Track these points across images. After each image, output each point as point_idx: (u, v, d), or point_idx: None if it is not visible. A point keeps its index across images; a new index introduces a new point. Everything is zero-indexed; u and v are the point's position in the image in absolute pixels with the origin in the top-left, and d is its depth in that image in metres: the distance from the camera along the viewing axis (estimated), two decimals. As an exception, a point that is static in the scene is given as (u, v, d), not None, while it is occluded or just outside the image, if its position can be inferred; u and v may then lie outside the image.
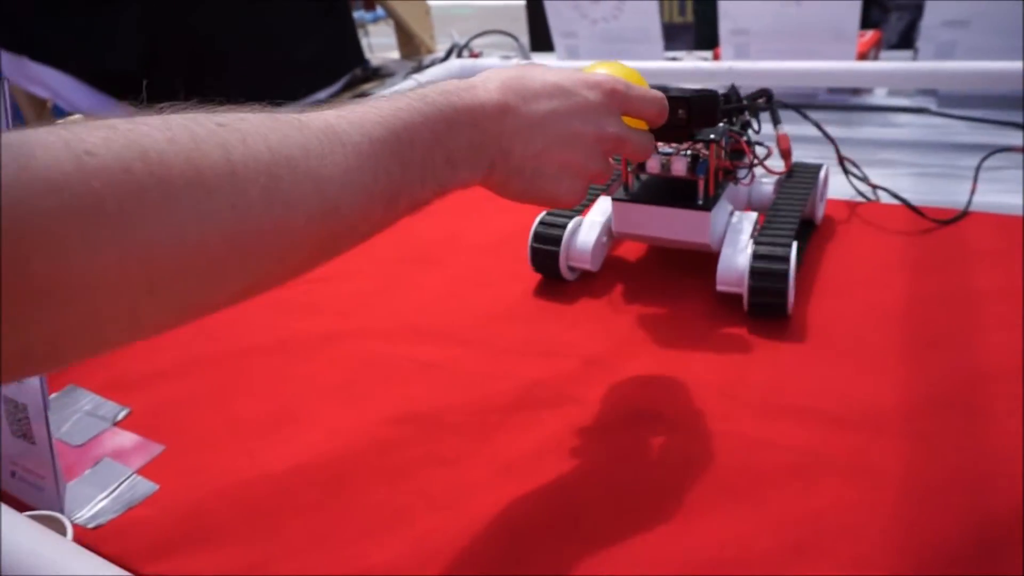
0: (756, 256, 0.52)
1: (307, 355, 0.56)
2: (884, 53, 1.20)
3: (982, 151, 0.75)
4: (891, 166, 0.79)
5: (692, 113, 0.48)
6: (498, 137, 0.37)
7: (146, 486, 0.45)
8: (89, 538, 0.42)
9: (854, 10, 0.93)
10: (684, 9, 2.02)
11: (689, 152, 0.55)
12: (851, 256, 0.62)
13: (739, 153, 0.59)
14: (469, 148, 0.36)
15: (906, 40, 1.62)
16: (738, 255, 0.53)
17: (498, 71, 0.40)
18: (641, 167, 0.56)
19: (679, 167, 0.54)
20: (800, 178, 0.63)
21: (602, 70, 0.45)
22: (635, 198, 0.56)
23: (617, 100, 0.41)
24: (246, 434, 0.49)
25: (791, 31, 1.00)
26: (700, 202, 0.54)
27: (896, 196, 0.68)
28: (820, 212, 0.66)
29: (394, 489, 0.43)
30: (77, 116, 1.36)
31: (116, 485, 0.46)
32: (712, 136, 0.53)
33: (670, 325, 0.55)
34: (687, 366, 0.50)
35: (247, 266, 0.27)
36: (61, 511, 0.42)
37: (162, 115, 0.26)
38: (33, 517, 0.37)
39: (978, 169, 0.70)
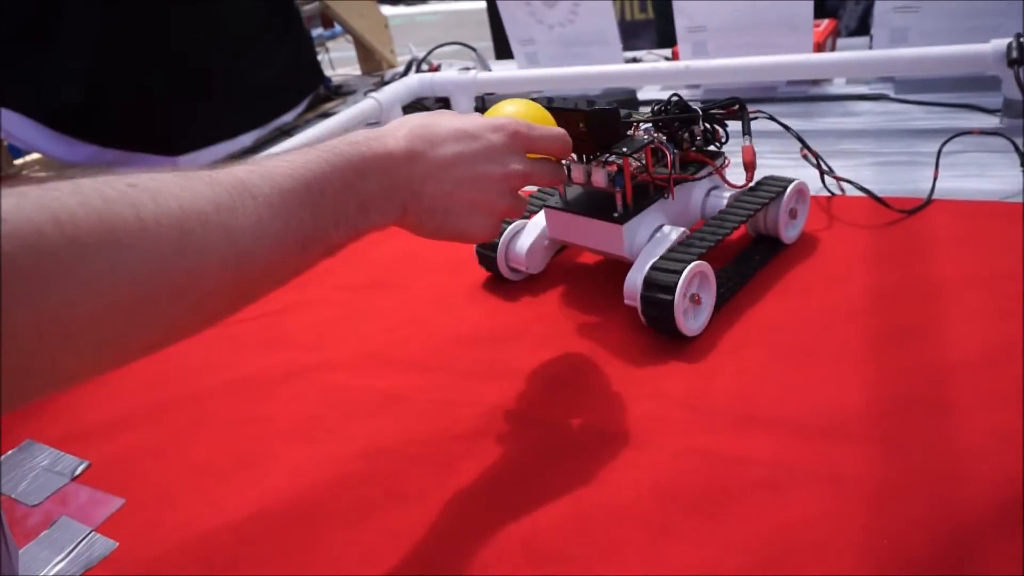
0: (647, 278, 0.51)
1: (268, 393, 0.55)
2: (843, 40, 1.20)
3: (940, 135, 0.74)
4: (853, 156, 0.78)
5: (591, 126, 0.50)
6: (408, 181, 0.39)
7: (105, 544, 0.44)
8: (44, 605, 0.40)
9: (807, 2, 0.93)
10: (645, 6, 2.02)
11: (610, 164, 0.54)
12: (815, 253, 0.61)
13: (698, 164, 0.58)
14: (380, 193, 0.38)
15: (865, 25, 1.63)
16: (638, 273, 0.52)
17: (407, 119, 0.42)
18: (569, 177, 0.56)
19: (599, 179, 0.54)
20: (759, 193, 0.59)
21: (510, 107, 0.47)
22: (564, 206, 0.58)
23: (521, 140, 0.43)
24: (207, 481, 0.48)
25: (747, 25, 0.99)
26: (616, 215, 0.54)
27: (860, 188, 0.68)
28: (791, 231, 0.62)
29: (358, 530, 0.42)
30: (35, 155, 1.34)
31: (74, 545, 0.44)
32: (624, 149, 0.52)
33: (634, 336, 0.54)
34: (652, 379, 0.50)
35: (163, 314, 0.28)
36: (15, 579, 0.41)
37: (74, 180, 0.27)
38: (-23, 593, 0.35)
39: (939, 156, 0.70)
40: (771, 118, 0.66)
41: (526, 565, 0.38)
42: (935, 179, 0.67)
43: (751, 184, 0.60)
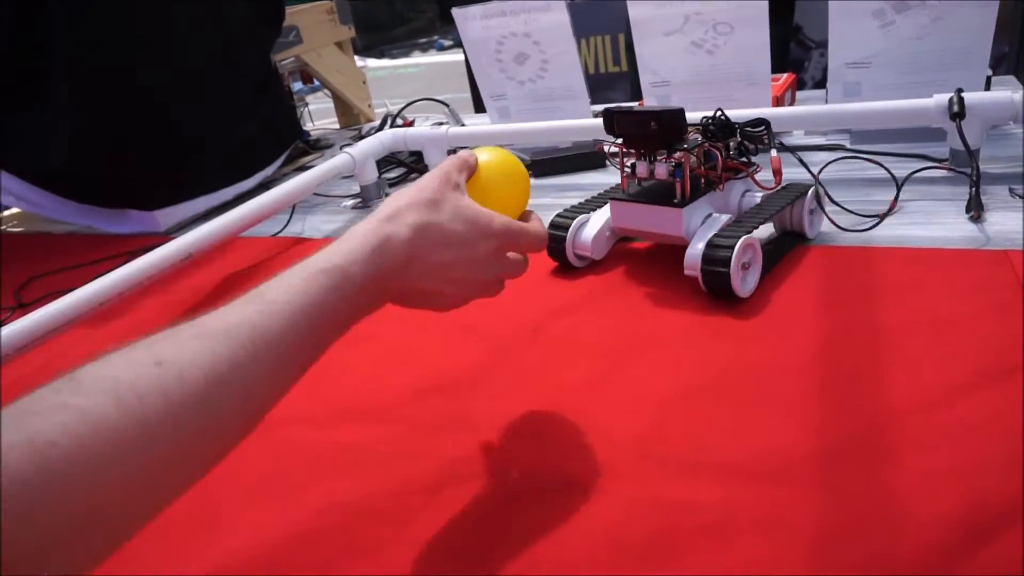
0: (708, 244, 0.62)
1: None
2: (804, 93, 1.25)
3: (893, 184, 0.78)
4: (808, 205, 0.81)
5: (662, 124, 0.64)
6: (403, 281, 0.43)
7: (61, 605, 0.44)
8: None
9: (764, 59, 0.97)
10: (618, 59, 2.09)
11: (672, 160, 0.66)
12: (766, 297, 0.63)
13: (735, 169, 0.70)
14: (376, 302, 0.43)
15: (827, 76, 1.68)
16: (699, 245, 0.63)
17: (411, 206, 0.44)
18: (633, 172, 0.69)
19: (661, 172, 0.66)
20: (785, 194, 0.72)
21: (484, 155, 0.50)
22: (628, 197, 0.70)
23: (506, 247, 0.47)
24: (167, 540, 0.48)
25: (708, 80, 1.04)
26: (676, 201, 0.66)
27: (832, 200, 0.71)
28: (814, 227, 0.74)
29: (315, 586, 0.42)
30: (15, 209, 1.35)
31: (30, 607, 0.44)
32: (685, 145, 0.65)
33: (590, 379, 0.56)
34: (607, 424, 0.51)
35: (184, 470, 0.32)
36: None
37: (107, 366, 0.30)
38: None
39: (902, 184, 0.77)
40: (785, 147, 0.79)
41: (477, 618, 0.38)
42: (889, 210, 0.74)
43: (778, 188, 0.70)
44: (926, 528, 0.39)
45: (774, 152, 0.69)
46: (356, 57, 1.61)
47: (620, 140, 0.69)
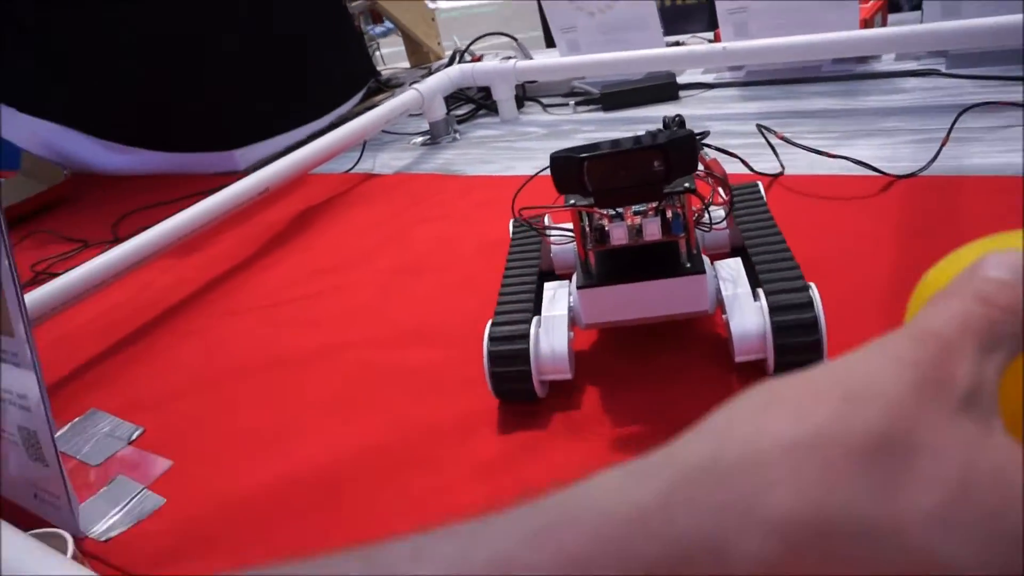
0: (774, 309, 0.43)
1: (304, 369, 0.59)
2: (896, 16, 1.16)
3: (994, 111, 0.72)
4: (893, 135, 0.77)
5: (670, 163, 0.41)
6: None
7: (154, 500, 0.48)
8: (100, 550, 0.45)
9: (852, -24, 0.91)
10: (696, -11, 1.99)
11: (656, 211, 0.45)
12: (840, 232, 0.61)
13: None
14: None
15: None
16: (748, 315, 0.44)
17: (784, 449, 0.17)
18: (604, 240, 0.46)
19: (653, 230, 0.44)
20: (750, 202, 0.55)
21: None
22: (605, 280, 0.46)
23: None
24: (248, 448, 0.52)
25: (790, 3, 0.98)
26: (688, 265, 0.45)
27: (857, 161, 0.68)
28: None
29: (379, 492, 0.45)
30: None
31: (128, 500, 0.49)
32: (687, 185, 0.44)
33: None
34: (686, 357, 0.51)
35: None
36: (75, 527, 0.46)
37: None
38: (38, 535, 0.40)
39: (952, 125, 0.70)
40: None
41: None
42: (942, 146, 0.67)
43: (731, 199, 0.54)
44: None
45: (708, 155, 0.53)
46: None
47: (590, 201, 0.44)
